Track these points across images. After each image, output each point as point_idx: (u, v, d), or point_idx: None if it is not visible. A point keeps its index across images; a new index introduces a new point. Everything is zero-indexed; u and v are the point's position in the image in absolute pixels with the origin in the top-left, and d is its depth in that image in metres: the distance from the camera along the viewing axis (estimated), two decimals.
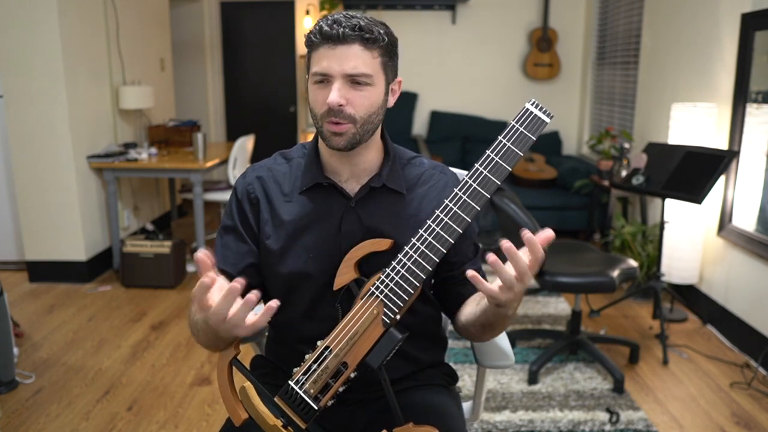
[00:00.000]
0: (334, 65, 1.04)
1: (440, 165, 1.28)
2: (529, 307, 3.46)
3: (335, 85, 1.05)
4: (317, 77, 1.07)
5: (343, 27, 1.04)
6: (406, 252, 1.04)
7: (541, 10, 5.52)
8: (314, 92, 1.09)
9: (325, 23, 1.06)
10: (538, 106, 1.00)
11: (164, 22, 4.98)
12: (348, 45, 1.04)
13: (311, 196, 1.17)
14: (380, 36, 1.07)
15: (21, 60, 3.47)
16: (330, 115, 1.06)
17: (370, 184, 1.16)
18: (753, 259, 2.86)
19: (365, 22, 1.06)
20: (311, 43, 1.08)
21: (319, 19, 1.10)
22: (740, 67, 2.98)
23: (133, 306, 3.42)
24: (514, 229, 2.44)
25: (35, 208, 3.66)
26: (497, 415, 2.36)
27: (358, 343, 1.03)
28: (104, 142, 3.99)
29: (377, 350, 1.03)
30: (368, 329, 1.04)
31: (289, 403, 1.05)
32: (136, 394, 2.50)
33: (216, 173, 5.61)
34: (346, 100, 1.06)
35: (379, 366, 1.03)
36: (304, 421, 1.04)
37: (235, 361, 1.08)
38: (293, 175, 1.20)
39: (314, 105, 1.09)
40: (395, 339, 1.03)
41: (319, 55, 1.06)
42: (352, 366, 1.03)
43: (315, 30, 1.07)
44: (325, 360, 1.04)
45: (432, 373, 1.30)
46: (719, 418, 2.36)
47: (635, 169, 3.03)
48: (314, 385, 1.04)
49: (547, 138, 5.53)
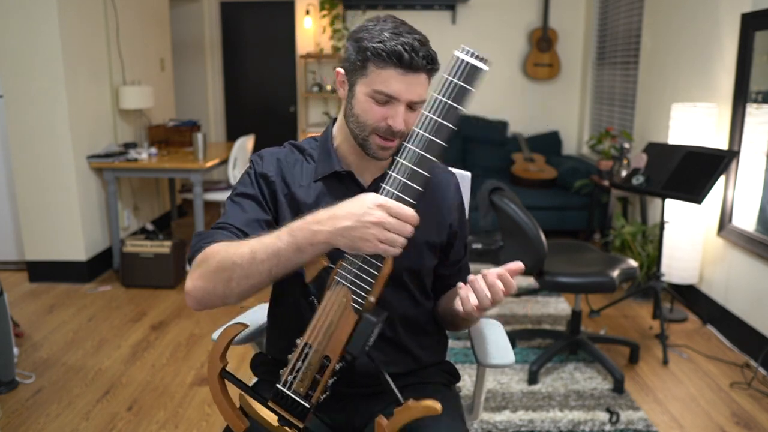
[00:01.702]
0: (404, 92, 1.08)
1: (443, 165, 1.32)
2: (529, 307, 3.46)
3: (400, 109, 1.09)
4: (381, 96, 1.09)
5: (419, 57, 1.06)
6: None
7: (541, 10, 5.52)
8: (371, 106, 1.10)
9: (402, 47, 1.05)
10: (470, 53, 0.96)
11: (164, 22, 4.98)
12: (417, 74, 1.08)
13: (327, 185, 1.20)
14: (438, 65, 1.11)
15: (21, 60, 3.47)
16: (385, 133, 1.11)
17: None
18: (753, 259, 2.86)
19: (431, 50, 1.09)
20: (380, 58, 1.07)
21: (384, 32, 1.08)
22: (740, 67, 2.98)
23: (133, 306, 3.42)
24: (514, 229, 2.44)
25: (35, 208, 3.66)
26: (497, 415, 2.36)
27: (335, 334, 1.02)
28: (104, 142, 3.99)
29: (355, 338, 1.01)
30: (342, 318, 1.02)
31: (282, 404, 1.05)
32: (136, 394, 2.50)
33: (216, 173, 5.61)
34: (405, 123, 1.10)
35: (362, 353, 1.01)
36: (300, 420, 1.04)
37: (224, 373, 1.08)
38: (307, 164, 1.23)
39: (368, 117, 1.11)
40: (371, 324, 1.01)
41: (387, 75, 1.07)
42: (334, 358, 1.02)
43: (388, 49, 1.06)
44: (306, 357, 1.03)
45: (433, 371, 1.31)
46: (719, 418, 2.36)
47: (635, 169, 3.03)
48: (302, 383, 1.04)
49: (547, 138, 5.53)
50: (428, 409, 0.99)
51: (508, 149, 5.38)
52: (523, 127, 5.68)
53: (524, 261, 1.05)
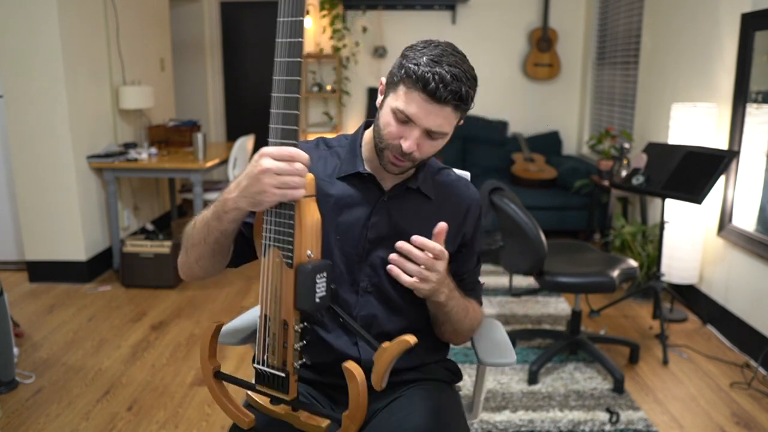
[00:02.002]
0: (422, 118, 1.09)
1: (465, 179, 1.36)
2: (529, 307, 3.46)
3: (414, 134, 1.11)
4: (401, 115, 1.11)
5: (446, 90, 1.06)
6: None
7: (541, 10, 5.52)
8: (391, 121, 1.13)
9: (432, 75, 1.06)
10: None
11: (164, 22, 4.98)
12: (442, 106, 1.09)
13: (348, 183, 1.24)
14: (471, 102, 1.12)
15: (21, 60, 3.47)
16: (396, 151, 1.14)
17: (408, 184, 1.24)
18: (753, 259, 2.86)
19: (465, 88, 1.08)
20: (410, 79, 1.08)
21: (427, 57, 1.09)
22: (740, 67, 2.98)
23: (133, 306, 3.42)
24: (514, 229, 2.44)
25: (35, 208, 3.66)
26: (497, 415, 2.36)
27: (283, 297, 1.02)
28: (104, 142, 3.99)
29: (300, 292, 1.00)
30: (282, 279, 1.01)
31: (267, 383, 1.06)
32: (136, 394, 2.50)
33: (216, 173, 5.61)
34: (417, 147, 1.12)
35: (313, 306, 1.00)
36: (285, 392, 1.04)
37: (218, 374, 1.12)
38: (334, 161, 1.26)
39: (386, 131, 1.14)
40: (306, 272, 0.99)
41: (411, 98, 1.09)
42: (291, 320, 1.01)
43: (419, 74, 1.07)
44: (269, 329, 1.04)
45: (435, 368, 1.31)
46: (719, 418, 2.36)
47: (635, 169, 3.03)
48: (274, 356, 1.04)
49: (547, 138, 5.53)
50: (403, 343, 0.99)
51: (508, 149, 5.38)
52: (523, 127, 5.68)
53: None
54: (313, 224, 1.02)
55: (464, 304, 1.26)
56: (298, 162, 0.98)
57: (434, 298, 1.16)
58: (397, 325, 1.24)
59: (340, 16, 5.55)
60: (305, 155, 0.99)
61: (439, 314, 1.24)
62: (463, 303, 1.26)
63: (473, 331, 1.34)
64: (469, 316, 1.28)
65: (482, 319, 1.36)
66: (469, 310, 1.28)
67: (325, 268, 1.01)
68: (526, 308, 3.44)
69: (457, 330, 1.28)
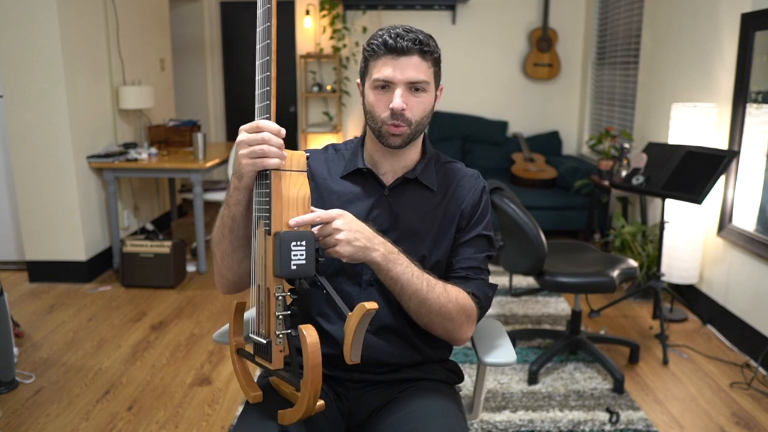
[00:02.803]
0: (397, 74, 1.16)
1: (475, 171, 1.36)
2: (529, 307, 3.46)
3: (398, 91, 1.17)
4: (380, 83, 1.18)
5: (405, 40, 1.16)
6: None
7: (541, 10, 5.52)
8: (375, 96, 1.20)
9: (388, 36, 1.17)
10: None
11: (164, 22, 4.98)
12: (409, 56, 1.17)
13: (351, 180, 1.29)
14: (434, 48, 1.20)
15: (21, 60, 3.47)
16: (392, 119, 1.18)
17: (405, 175, 1.28)
18: (753, 259, 2.86)
19: (422, 35, 1.18)
20: (373, 53, 1.19)
21: (378, 31, 1.21)
22: (740, 67, 2.98)
23: (133, 306, 3.42)
24: (514, 229, 2.44)
25: (35, 208, 3.66)
26: (497, 415, 2.36)
27: (267, 265, 1.04)
28: (104, 142, 3.99)
29: (275, 259, 1.01)
30: (266, 248, 1.04)
31: (259, 352, 1.09)
32: (136, 394, 2.50)
33: (216, 173, 5.61)
34: (406, 105, 1.17)
35: (288, 271, 1.00)
36: (268, 360, 1.06)
37: (239, 351, 1.17)
38: (341, 162, 1.33)
39: (375, 108, 1.20)
40: (280, 238, 1.00)
41: (382, 64, 1.18)
42: (271, 287, 1.03)
43: (378, 42, 1.18)
44: (260, 297, 1.07)
45: (437, 368, 1.32)
46: (719, 418, 2.36)
47: (635, 169, 3.03)
48: (263, 325, 1.07)
49: (547, 138, 5.54)
50: (360, 308, 0.99)
51: (508, 149, 5.38)
52: (523, 127, 5.68)
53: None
54: (299, 197, 1.06)
55: (428, 279, 1.17)
56: (265, 131, 1.03)
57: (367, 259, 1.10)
58: (399, 318, 1.24)
59: (340, 16, 5.55)
60: (273, 125, 1.04)
61: (394, 288, 1.15)
62: (427, 278, 1.17)
63: (453, 320, 1.20)
64: (436, 294, 1.17)
65: (472, 313, 1.24)
66: (438, 289, 1.17)
67: (303, 237, 1.01)
68: (526, 308, 3.44)
69: (424, 311, 1.17)
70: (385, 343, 1.24)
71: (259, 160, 1.03)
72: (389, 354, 1.25)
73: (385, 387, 1.27)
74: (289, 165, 1.06)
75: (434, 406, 1.20)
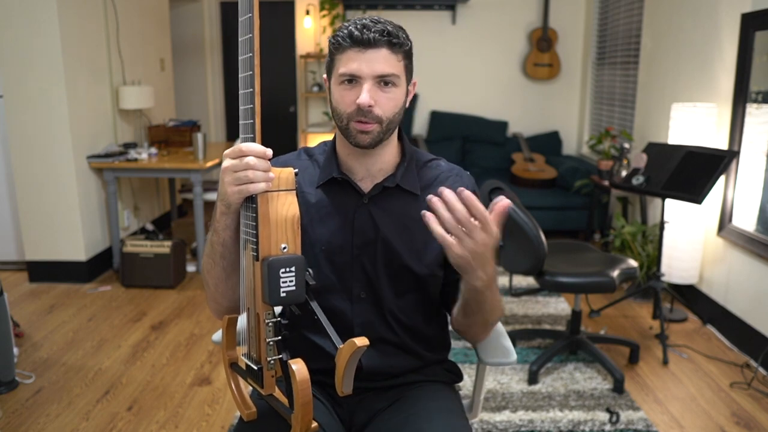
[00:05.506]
0: (364, 67, 1.09)
1: (457, 167, 1.29)
2: (529, 307, 3.46)
3: (365, 86, 1.09)
4: (346, 77, 1.11)
5: (372, 32, 1.08)
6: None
7: (541, 10, 5.52)
8: (341, 92, 1.12)
9: (354, 28, 1.09)
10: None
11: (164, 22, 4.98)
12: (377, 49, 1.09)
13: (327, 191, 1.21)
14: (404, 41, 1.12)
15: (21, 60, 3.47)
16: (358, 115, 1.11)
17: (384, 183, 1.19)
18: (753, 259, 2.86)
19: (391, 27, 1.11)
20: (339, 45, 1.11)
21: (344, 23, 1.13)
22: (740, 67, 2.98)
23: (133, 306, 3.42)
24: (514, 229, 2.44)
25: (35, 208, 3.66)
26: (497, 415, 2.36)
27: (256, 291, 1.00)
28: (104, 142, 3.99)
29: (263, 286, 0.98)
30: (254, 273, 1.00)
31: (252, 375, 1.06)
32: (136, 394, 2.50)
33: (216, 173, 5.60)
34: (374, 101, 1.10)
35: (276, 299, 0.97)
36: (260, 384, 1.04)
37: (232, 365, 1.13)
38: (314, 170, 1.24)
39: (340, 104, 1.13)
40: (268, 265, 0.96)
41: (348, 58, 1.10)
42: (261, 313, 1.00)
43: (344, 34, 1.10)
44: (250, 322, 1.03)
45: (436, 369, 1.31)
46: (719, 418, 2.36)
47: (635, 169, 3.03)
48: (253, 349, 1.04)
49: (547, 138, 5.53)
50: (350, 344, 0.95)
51: (508, 149, 5.38)
52: (523, 127, 5.68)
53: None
54: (287, 218, 0.99)
55: (499, 297, 1.16)
56: (249, 156, 0.96)
57: (468, 276, 1.03)
58: (395, 330, 1.23)
59: (340, 16, 5.55)
60: (257, 148, 0.97)
61: (472, 303, 1.12)
62: (499, 296, 1.15)
63: (488, 331, 1.25)
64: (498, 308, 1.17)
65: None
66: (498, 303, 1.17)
67: (293, 263, 0.97)
68: (526, 308, 3.44)
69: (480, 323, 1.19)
70: (384, 355, 1.22)
71: (244, 187, 0.96)
72: (390, 366, 1.23)
73: (385, 391, 1.26)
74: (277, 185, 0.99)
75: (437, 406, 1.19)
